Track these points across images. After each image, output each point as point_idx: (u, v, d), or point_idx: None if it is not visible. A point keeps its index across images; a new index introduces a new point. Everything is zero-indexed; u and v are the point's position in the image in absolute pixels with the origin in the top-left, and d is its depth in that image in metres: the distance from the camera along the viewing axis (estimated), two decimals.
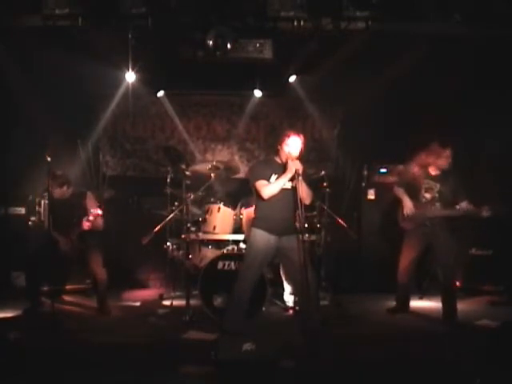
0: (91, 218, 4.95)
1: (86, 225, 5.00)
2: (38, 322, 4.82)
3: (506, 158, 6.08)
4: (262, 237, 4.37)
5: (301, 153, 4.36)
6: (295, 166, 4.21)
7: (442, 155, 4.99)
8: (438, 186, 5.04)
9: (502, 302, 5.69)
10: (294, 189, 4.24)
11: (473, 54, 5.78)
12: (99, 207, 5.07)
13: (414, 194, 5.10)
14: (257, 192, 4.39)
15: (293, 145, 4.31)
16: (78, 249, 5.11)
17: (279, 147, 4.37)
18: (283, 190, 4.30)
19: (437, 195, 5.03)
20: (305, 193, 4.33)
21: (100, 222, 5.14)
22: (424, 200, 5.07)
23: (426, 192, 5.07)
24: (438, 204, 5.02)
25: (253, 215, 4.60)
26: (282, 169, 4.32)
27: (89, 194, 5.31)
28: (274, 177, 4.33)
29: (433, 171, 5.09)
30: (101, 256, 5.18)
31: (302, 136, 4.37)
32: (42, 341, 4.24)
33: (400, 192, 5.18)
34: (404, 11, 5.25)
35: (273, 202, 4.32)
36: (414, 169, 5.15)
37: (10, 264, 5.95)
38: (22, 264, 5.82)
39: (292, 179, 4.27)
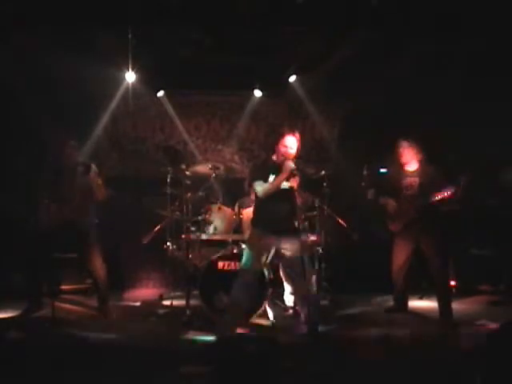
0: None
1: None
2: (37, 322, 4.82)
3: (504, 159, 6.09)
4: (259, 237, 4.37)
5: (298, 151, 4.36)
6: (290, 166, 4.20)
7: (405, 151, 5.07)
8: (418, 180, 5.03)
9: (501, 301, 5.69)
10: (292, 189, 4.24)
11: (473, 54, 5.78)
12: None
13: (397, 195, 5.11)
14: (254, 192, 4.40)
15: (288, 144, 4.31)
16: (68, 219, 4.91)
17: (276, 147, 4.37)
18: (280, 191, 4.29)
19: (418, 190, 5.01)
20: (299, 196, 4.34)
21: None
22: (407, 197, 5.05)
23: (406, 190, 5.07)
24: (421, 198, 4.96)
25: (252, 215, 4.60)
26: (280, 169, 4.30)
27: (93, 166, 4.99)
28: (272, 177, 4.31)
29: (409, 168, 5.10)
30: (100, 252, 5.12)
31: (297, 135, 4.36)
32: (42, 341, 4.24)
33: (381, 199, 5.21)
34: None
35: (271, 203, 4.32)
36: (392, 173, 5.24)
37: (10, 264, 5.95)
38: (21, 264, 5.84)
39: (288, 179, 4.25)
